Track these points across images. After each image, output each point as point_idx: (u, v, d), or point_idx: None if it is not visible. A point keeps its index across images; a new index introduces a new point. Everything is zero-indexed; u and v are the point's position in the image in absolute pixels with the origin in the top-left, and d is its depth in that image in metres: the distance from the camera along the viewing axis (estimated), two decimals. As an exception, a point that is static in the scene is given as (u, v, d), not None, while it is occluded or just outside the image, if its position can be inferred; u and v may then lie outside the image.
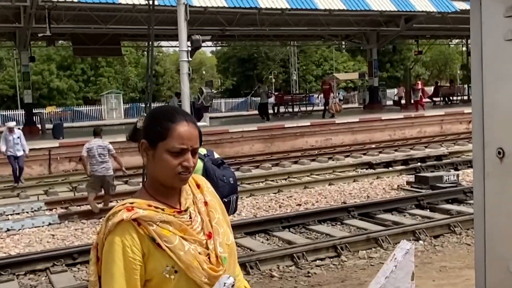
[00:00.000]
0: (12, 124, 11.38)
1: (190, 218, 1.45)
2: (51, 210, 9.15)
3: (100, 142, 8.49)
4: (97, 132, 8.58)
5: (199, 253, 1.40)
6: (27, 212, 9.01)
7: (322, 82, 21.33)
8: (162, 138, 1.41)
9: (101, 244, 1.40)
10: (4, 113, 32.01)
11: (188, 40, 8.65)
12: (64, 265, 5.92)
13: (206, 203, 1.51)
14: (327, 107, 20.11)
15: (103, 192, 8.66)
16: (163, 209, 1.41)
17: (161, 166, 1.41)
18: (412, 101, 22.32)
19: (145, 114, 1.50)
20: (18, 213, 8.98)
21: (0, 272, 5.70)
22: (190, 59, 8.48)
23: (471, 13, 1.66)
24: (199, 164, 4.28)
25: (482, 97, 1.67)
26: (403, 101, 25.12)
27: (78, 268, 5.96)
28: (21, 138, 11.20)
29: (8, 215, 8.90)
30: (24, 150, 11.22)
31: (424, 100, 22.29)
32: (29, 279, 5.74)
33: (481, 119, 1.67)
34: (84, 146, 8.55)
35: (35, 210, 9.09)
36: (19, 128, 12.14)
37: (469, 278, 4.76)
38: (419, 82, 21.97)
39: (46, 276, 5.76)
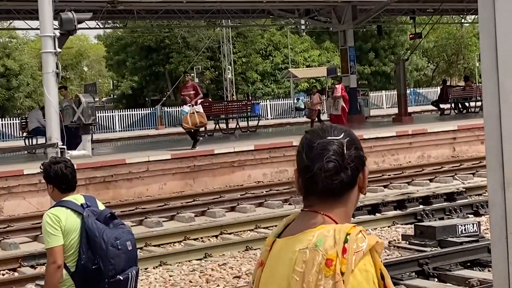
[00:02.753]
0: None
1: None
2: None
3: None
4: None
5: None
6: None
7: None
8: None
9: (350, 277, 1.70)
10: None
11: (56, 19, 8.51)
12: None
13: None
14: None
15: None
16: None
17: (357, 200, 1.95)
18: (328, 115, 21.84)
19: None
20: None
21: None
22: (59, 50, 8.34)
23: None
24: (75, 222, 4.19)
25: (499, 106, 1.72)
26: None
27: None
28: None
29: None
30: None
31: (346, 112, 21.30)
32: None
33: (499, 143, 1.71)
34: None
35: None
36: None
37: None
38: (338, 86, 21.29)
39: None
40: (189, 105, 17.76)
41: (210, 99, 30.70)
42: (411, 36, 32.52)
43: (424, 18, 32.75)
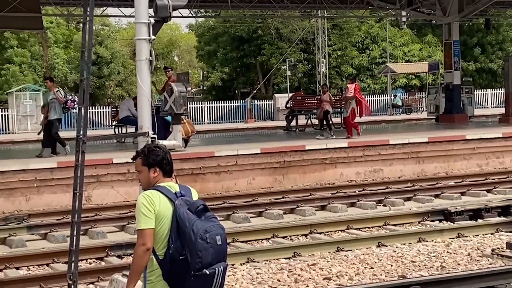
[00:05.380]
0: None
1: None
2: None
3: None
4: None
5: None
6: None
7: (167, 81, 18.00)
8: None
9: None
10: None
11: (150, 7, 8.70)
12: None
13: None
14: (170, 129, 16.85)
15: None
16: None
17: None
18: (343, 119, 20.36)
19: None
20: None
21: None
22: (153, 37, 8.51)
23: None
24: (168, 209, 4.27)
25: None
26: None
27: None
28: None
29: None
30: None
31: (359, 118, 19.80)
32: None
33: None
34: None
35: None
36: None
37: None
38: (350, 86, 19.57)
39: None
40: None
41: (302, 93, 30.72)
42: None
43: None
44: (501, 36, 47.96)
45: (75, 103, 17.45)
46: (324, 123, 21.55)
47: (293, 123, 26.18)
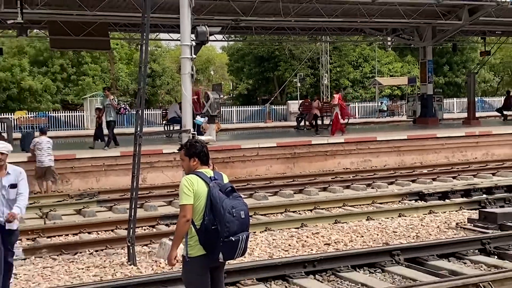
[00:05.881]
0: None
1: None
2: (13, 241, 9.16)
3: (48, 138, 13.56)
4: (44, 131, 13.94)
5: None
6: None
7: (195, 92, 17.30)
8: None
9: None
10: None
11: (192, 33, 8.70)
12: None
13: None
14: (202, 128, 15.71)
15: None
16: None
17: None
18: (330, 122, 20.00)
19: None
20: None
21: None
22: (194, 56, 8.51)
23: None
24: (204, 190, 4.27)
25: None
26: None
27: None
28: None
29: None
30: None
31: (343, 121, 19.58)
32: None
33: None
34: (33, 140, 13.60)
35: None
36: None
37: None
38: (336, 96, 19.41)
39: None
40: (200, 116, 16.18)
41: (309, 100, 30.57)
42: (481, 53, 31.08)
43: (493, 39, 31.32)
44: (465, 57, 47.44)
45: (127, 110, 17.55)
46: (313, 124, 21.71)
47: (302, 123, 26.07)
